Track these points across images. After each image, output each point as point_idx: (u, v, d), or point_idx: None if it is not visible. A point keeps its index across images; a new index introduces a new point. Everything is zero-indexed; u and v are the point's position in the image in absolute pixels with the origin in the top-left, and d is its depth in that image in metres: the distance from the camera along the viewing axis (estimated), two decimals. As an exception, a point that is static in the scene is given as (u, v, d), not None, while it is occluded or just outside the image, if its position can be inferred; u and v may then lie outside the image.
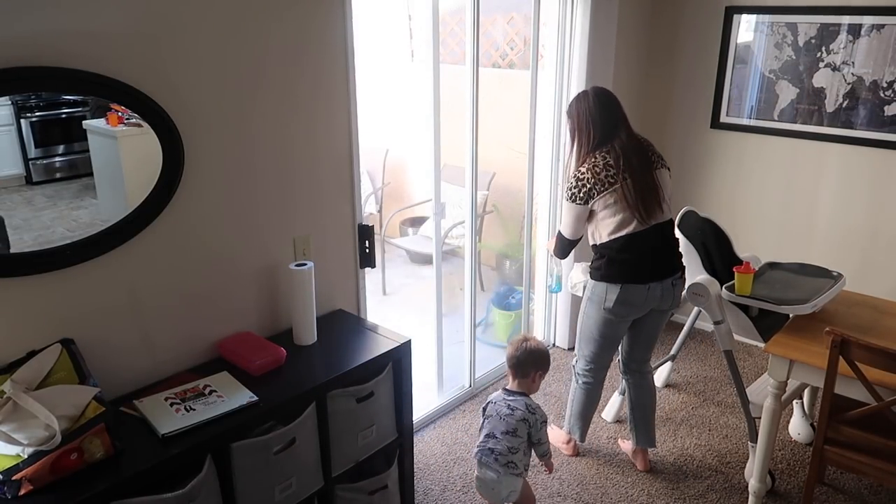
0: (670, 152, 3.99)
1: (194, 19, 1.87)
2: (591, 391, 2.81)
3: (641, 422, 2.83)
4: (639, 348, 2.77)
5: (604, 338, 2.65)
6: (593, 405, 2.86)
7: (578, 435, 2.89)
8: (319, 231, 2.37)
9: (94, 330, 1.83)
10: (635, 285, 2.50)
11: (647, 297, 2.53)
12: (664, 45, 3.87)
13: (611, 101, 2.54)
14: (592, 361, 2.74)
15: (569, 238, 2.62)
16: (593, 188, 2.44)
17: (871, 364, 2.05)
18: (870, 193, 3.40)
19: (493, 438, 2.27)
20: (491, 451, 2.26)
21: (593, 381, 2.79)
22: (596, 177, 2.44)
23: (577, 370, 2.81)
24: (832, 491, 2.74)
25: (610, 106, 2.52)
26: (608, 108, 2.51)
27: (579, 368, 2.80)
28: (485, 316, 4.17)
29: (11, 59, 1.55)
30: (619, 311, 2.55)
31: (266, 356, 2.04)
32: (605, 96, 2.53)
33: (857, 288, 2.96)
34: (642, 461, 2.87)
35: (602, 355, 2.72)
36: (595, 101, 2.51)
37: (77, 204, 1.78)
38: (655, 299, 2.55)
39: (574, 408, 2.86)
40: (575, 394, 2.85)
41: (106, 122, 1.81)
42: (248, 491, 1.85)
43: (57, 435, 1.52)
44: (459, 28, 4.09)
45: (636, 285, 2.50)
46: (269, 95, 2.10)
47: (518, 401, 2.31)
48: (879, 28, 3.19)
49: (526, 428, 2.28)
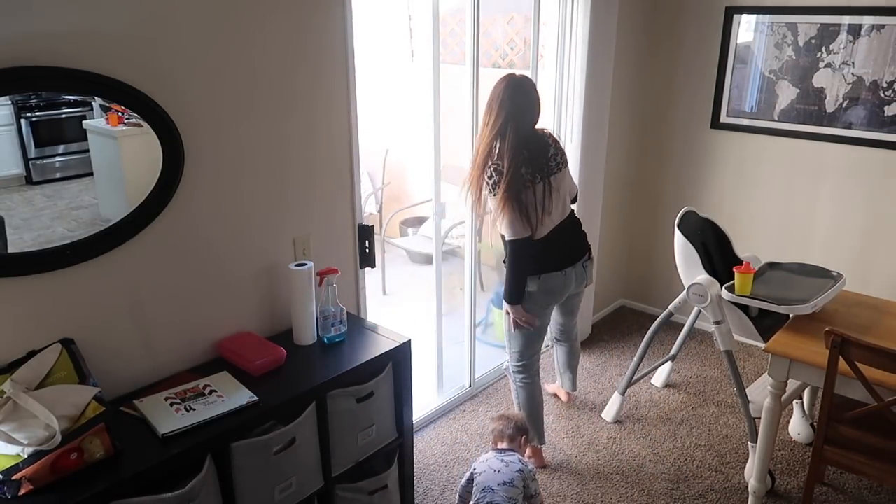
0: (670, 152, 4.00)
1: (194, 19, 1.87)
2: (530, 387, 2.80)
3: (569, 371, 3.19)
4: (568, 322, 3.00)
5: (536, 331, 2.70)
6: (539, 404, 2.84)
7: (537, 439, 2.84)
8: (319, 231, 2.37)
9: (94, 330, 1.83)
10: (554, 273, 2.59)
11: (564, 282, 2.63)
12: (664, 45, 3.87)
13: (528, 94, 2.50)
14: (523, 357, 2.76)
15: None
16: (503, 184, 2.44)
17: (870, 364, 2.05)
18: (869, 193, 3.40)
19: (489, 492, 2.19)
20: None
21: (528, 375, 2.79)
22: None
23: (512, 370, 2.82)
24: (832, 491, 2.74)
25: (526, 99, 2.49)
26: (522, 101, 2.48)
27: (513, 367, 2.80)
28: (485, 316, 4.17)
29: (11, 59, 1.55)
30: (543, 301, 2.62)
31: (266, 356, 2.04)
32: (522, 87, 2.49)
33: (856, 288, 2.96)
34: (567, 397, 3.30)
35: (531, 347, 2.75)
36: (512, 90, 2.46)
37: (77, 204, 1.78)
38: (571, 284, 2.66)
39: (529, 415, 2.78)
40: (518, 398, 2.84)
41: (106, 122, 1.81)
42: (248, 491, 1.85)
43: (57, 435, 1.52)
44: (459, 28, 4.09)
45: (554, 273, 2.59)
46: (270, 95, 2.10)
47: (512, 455, 2.31)
48: (879, 28, 3.20)
49: (522, 479, 2.23)
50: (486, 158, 2.48)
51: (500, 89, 2.48)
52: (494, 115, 2.47)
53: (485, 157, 2.49)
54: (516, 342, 2.74)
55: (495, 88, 2.50)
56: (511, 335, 2.75)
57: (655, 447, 3.02)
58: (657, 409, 3.31)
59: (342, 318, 2.23)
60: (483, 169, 2.48)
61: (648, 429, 3.15)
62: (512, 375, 2.84)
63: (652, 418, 3.23)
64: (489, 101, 2.50)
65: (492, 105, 2.49)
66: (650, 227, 4.18)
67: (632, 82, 3.89)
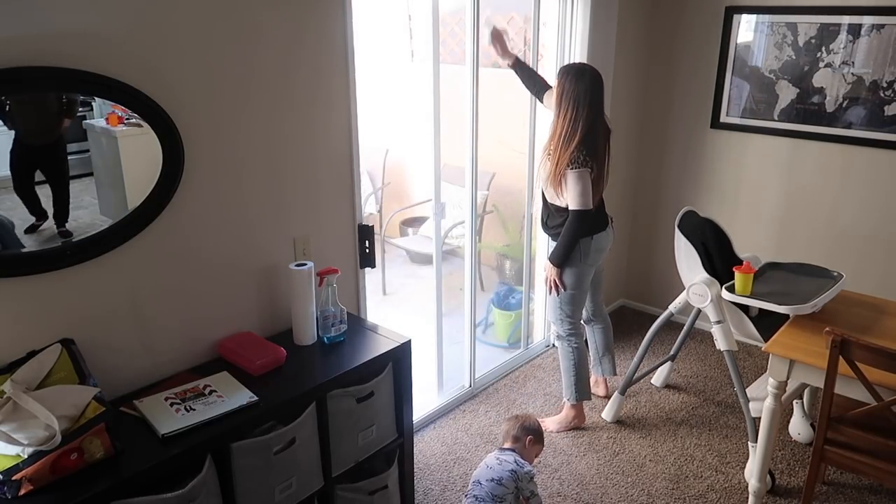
0: (670, 152, 4.00)
1: (195, 20, 1.87)
2: (582, 348, 3.08)
3: (608, 353, 3.31)
4: (597, 295, 3.19)
5: (583, 291, 2.99)
6: (587, 361, 3.14)
7: (585, 395, 3.12)
8: (319, 231, 2.37)
9: (94, 330, 1.83)
10: (601, 233, 2.91)
11: (608, 239, 2.96)
12: (664, 46, 3.87)
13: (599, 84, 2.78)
14: (574, 319, 3.03)
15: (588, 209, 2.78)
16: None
17: (871, 364, 2.05)
18: (869, 193, 3.40)
19: (477, 485, 2.29)
20: (475, 497, 2.26)
21: (578, 337, 3.06)
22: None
23: (565, 334, 3.05)
24: (832, 491, 2.74)
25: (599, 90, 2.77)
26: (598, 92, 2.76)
27: (566, 331, 3.04)
28: (485, 316, 4.17)
29: (11, 59, 1.55)
30: (594, 259, 2.92)
31: (266, 356, 2.04)
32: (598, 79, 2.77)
33: (857, 288, 2.96)
34: (605, 389, 3.39)
35: (580, 310, 3.06)
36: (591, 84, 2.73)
37: (77, 204, 1.78)
38: (611, 240, 3.01)
39: (578, 373, 3.07)
40: (572, 359, 3.07)
41: (106, 122, 1.81)
42: (248, 491, 1.85)
43: (57, 435, 1.52)
44: (459, 28, 4.09)
45: (601, 233, 2.91)
46: (270, 96, 2.10)
47: (508, 454, 2.36)
48: (879, 28, 3.19)
49: (513, 480, 2.27)
50: (572, 137, 2.72)
51: (586, 81, 2.72)
52: (582, 104, 2.71)
53: (571, 135, 2.72)
54: (567, 307, 2.99)
55: (580, 77, 2.72)
56: (560, 303, 2.98)
57: (655, 447, 3.02)
58: (657, 409, 3.31)
59: (342, 318, 2.23)
60: (569, 145, 2.72)
61: (648, 429, 3.15)
62: (566, 340, 3.05)
63: (652, 418, 3.23)
64: (574, 90, 2.72)
65: (578, 92, 2.72)
66: (650, 226, 4.18)
67: (632, 82, 3.89)
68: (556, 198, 2.84)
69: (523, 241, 3.85)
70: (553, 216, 2.92)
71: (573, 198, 2.74)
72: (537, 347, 3.86)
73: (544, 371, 3.63)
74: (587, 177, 2.71)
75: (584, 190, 2.72)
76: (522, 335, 3.80)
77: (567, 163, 2.70)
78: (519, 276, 4.06)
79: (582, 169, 2.69)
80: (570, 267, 2.90)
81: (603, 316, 3.28)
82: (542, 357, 3.78)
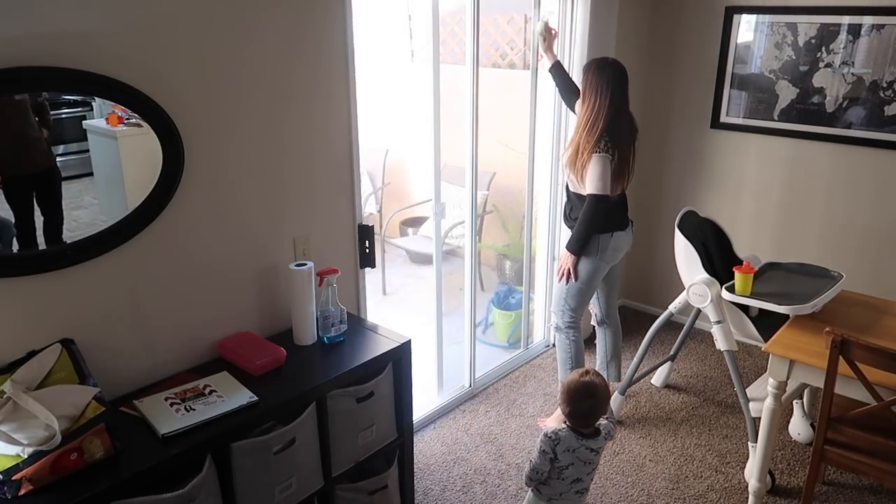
0: (670, 152, 4.00)
1: (195, 20, 1.87)
2: (579, 341, 3.10)
3: (615, 359, 3.28)
4: (612, 296, 3.18)
5: (591, 287, 2.99)
6: (583, 354, 3.17)
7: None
8: (319, 231, 2.37)
9: (94, 330, 1.83)
10: (620, 232, 2.92)
11: (627, 240, 2.97)
12: (664, 45, 3.87)
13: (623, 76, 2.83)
14: (576, 313, 3.03)
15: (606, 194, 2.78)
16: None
17: (871, 364, 2.05)
18: (869, 193, 3.40)
19: (579, 482, 2.13)
20: (579, 493, 2.15)
21: (577, 331, 3.07)
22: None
23: (564, 325, 3.06)
24: (832, 491, 2.74)
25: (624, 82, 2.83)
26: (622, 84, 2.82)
27: (566, 323, 3.05)
28: (485, 316, 4.17)
29: (11, 59, 1.55)
30: (610, 258, 2.92)
31: (266, 356, 2.04)
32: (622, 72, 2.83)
33: (856, 288, 2.96)
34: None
35: (583, 305, 3.04)
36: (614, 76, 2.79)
37: (77, 204, 1.78)
38: (630, 241, 3.00)
39: (575, 365, 3.08)
40: (569, 351, 3.09)
41: (106, 122, 1.81)
42: (248, 491, 1.85)
43: (57, 435, 1.52)
44: (459, 28, 4.09)
45: (621, 232, 2.92)
46: (270, 96, 2.10)
47: (598, 441, 2.13)
48: (879, 28, 3.19)
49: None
50: (595, 125, 2.76)
51: (608, 73, 2.78)
52: (606, 94, 2.76)
53: (593, 123, 2.76)
54: (573, 299, 2.99)
55: (602, 69, 2.78)
56: (567, 294, 2.99)
57: (655, 447, 3.02)
58: (657, 409, 3.31)
59: (342, 318, 2.23)
60: (592, 134, 2.76)
61: (648, 429, 3.15)
62: (564, 332, 3.07)
63: (652, 418, 3.23)
64: (597, 81, 2.78)
65: (600, 84, 2.77)
66: (650, 226, 4.18)
67: (632, 82, 3.87)
68: (579, 186, 2.84)
69: (523, 241, 3.85)
70: (576, 208, 2.91)
71: (591, 181, 2.75)
72: (537, 347, 3.86)
73: (544, 371, 3.63)
74: (607, 163, 2.73)
75: (602, 174, 2.72)
76: (522, 335, 3.81)
77: (589, 149, 2.74)
78: (519, 276, 4.06)
79: (603, 154, 2.71)
80: (586, 258, 2.90)
81: (614, 319, 3.25)
82: (542, 357, 3.78)
